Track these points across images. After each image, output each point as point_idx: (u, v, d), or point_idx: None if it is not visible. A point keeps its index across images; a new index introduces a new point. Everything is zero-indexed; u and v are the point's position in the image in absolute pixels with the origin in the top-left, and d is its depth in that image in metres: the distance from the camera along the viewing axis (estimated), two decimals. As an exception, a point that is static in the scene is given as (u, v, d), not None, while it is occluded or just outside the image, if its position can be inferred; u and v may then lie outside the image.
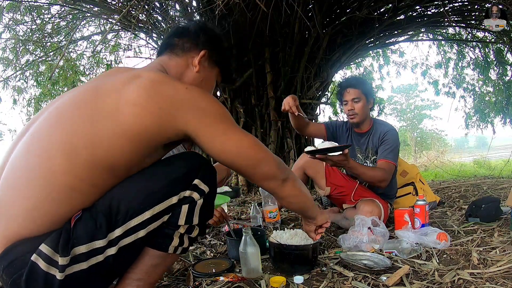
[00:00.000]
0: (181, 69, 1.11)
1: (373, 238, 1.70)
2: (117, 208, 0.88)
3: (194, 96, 0.95)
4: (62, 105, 0.95)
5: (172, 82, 0.96)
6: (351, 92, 2.15)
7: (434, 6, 4.59)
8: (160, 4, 3.87)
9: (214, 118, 0.97)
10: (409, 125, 23.73)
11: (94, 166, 0.88)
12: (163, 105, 0.91)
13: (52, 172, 0.86)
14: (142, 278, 0.99)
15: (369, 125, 2.23)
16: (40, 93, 5.98)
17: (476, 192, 3.30)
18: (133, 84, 0.91)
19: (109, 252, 0.88)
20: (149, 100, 0.90)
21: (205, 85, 1.15)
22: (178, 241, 0.99)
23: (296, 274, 1.38)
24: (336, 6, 4.41)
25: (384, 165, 2.05)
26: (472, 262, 1.46)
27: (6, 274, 0.84)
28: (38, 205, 0.85)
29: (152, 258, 0.99)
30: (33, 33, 4.86)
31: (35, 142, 0.91)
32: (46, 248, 0.82)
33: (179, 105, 0.93)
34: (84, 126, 0.89)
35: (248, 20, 3.63)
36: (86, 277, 0.87)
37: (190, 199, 0.96)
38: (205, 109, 0.96)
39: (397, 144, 2.14)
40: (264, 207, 2.21)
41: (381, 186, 2.06)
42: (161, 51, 1.14)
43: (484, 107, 6.78)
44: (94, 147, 0.87)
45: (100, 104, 0.90)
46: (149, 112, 0.89)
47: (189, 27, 1.15)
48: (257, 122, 4.18)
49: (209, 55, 1.13)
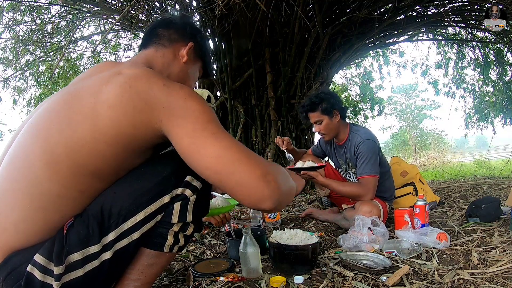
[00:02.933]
0: (168, 60, 1.09)
1: (373, 238, 1.70)
2: (109, 212, 0.87)
3: (170, 93, 0.87)
4: (42, 112, 0.93)
5: (149, 77, 0.89)
6: (311, 116, 2.19)
7: (434, 6, 4.59)
8: (160, 4, 3.87)
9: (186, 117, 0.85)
10: (409, 125, 23.71)
11: (77, 172, 0.85)
12: (137, 104, 0.85)
13: (36, 182, 0.84)
14: (139, 278, 0.98)
15: (345, 135, 2.22)
16: (40, 93, 5.99)
17: (476, 192, 3.30)
18: (111, 84, 0.87)
19: (104, 257, 0.86)
20: (123, 100, 0.85)
21: (191, 76, 1.15)
22: (173, 239, 0.97)
23: (296, 274, 1.38)
24: (336, 6, 4.41)
25: (362, 181, 2.07)
26: (472, 262, 1.46)
27: (6, 285, 0.84)
28: (27, 215, 0.84)
29: (148, 258, 0.97)
30: (33, 33, 4.86)
31: (18, 153, 0.89)
32: (40, 258, 0.81)
33: (153, 103, 0.85)
34: (64, 132, 0.86)
35: (248, 20, 3.64)
36: (84, 284, 0.86)
37: (182, 197, 0.94)
38: (180, 107, 0.86)
39: (373, 153, 2.07)
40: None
41: (363, 199, 2.06)
42: (146, 42, 1.12)
43: (484, 107, 6.80)
44: (74, 154, 0.84)
45: (77, 108, 0.87)
46: (123, 113, 0.84)
47: (175, 19, 1.16)
48: (257, 122, 4.18)
49: (194, 48, 1.13)
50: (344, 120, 2.22)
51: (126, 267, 0.98)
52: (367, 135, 2.14)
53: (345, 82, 8.03)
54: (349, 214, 2.15)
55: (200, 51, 1.16)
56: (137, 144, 0.89)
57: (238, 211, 2.91)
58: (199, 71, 1.20)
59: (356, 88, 8.10)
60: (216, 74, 4.36)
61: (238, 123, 4.18)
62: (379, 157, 2.13)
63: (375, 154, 2.09)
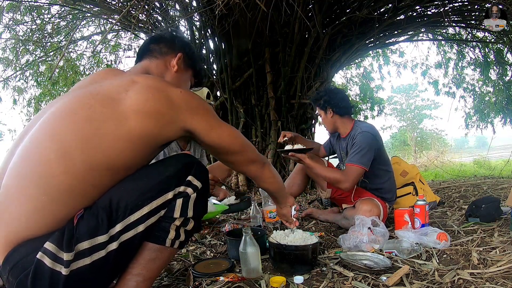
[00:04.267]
0: (161, 70, 1.21)
1: (373, 238, 1.70)
2: (117, 205, 0.93)
3: (187, 98, 1.05)
4: (56, 112, 0.99)
5: (167, 87, 1.05)
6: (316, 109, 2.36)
7: (434, 6, 4.59)
8: (160, 4, 3.87)
9: (206, 114, 1.08)
10: (409, 125, 23.68)
11: (92, 167, 0.92)
12: (162, 109, 1.00)
13: (51, 175, 0.90)
14: (141, 273, 1.02)
15: (348, 129, 2.27)
16: (40, 93, 5.98)
17: (476, 192, 3.30)
18: (132, 91, 0.99)
19: (110, 247, 0.92)
20: (147, 105, 0.98)
21: (184, 85, 1.27)
22: (175, 233, 1.04)
23: (296, 274, 1.38)
24: (336, 6, 4.41)
25: (346, 168, 2.08)
26: (472, 262, 1.46)
27: (12, 276, 0.87)
28: (39, 207, 0.89)
29: (150, 252, 1.02)
30: (33, 33, 4.87)
31: (32, 148, 0.95)
32: (51, 245, 0.86)
33: (177, 107, 1.02)
34: (82, 130, 0.94)
35: (248, 20, 3.64)
36: (90, 273, 0.90)
37: (184, 194, 1.03)
38: (198, 107, 1.07)
39: (366, 145, 2.06)
40: (264, 207, 2.21)
41: (341, 188, 2.08)
42: (140, 57, 1.24)
43: (484, 107, 6.80)
44: (92, 150, 0.92)
45: (99, 109, 0.96)
46: (148, 116, 0.97)
47: (164, 34, 1.28)
48: (257, 122, 4.18)
49: (184, 58, 1.24)
50: (343, 116, 2.27)
51: (130, 260, 1.02)
52: (367, 128, 2.16)
53: (345, 82, 8.04)
54: (349, 213, 2.15)
55: (189, 61, 1.27)
56: (157, 142, 1.02)
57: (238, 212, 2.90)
58: (191, 79, 1.32)
59: (356, 88, 8.11)
60: (216, 74, 4.36)
61: (238, 123, 4.18)
62: (374, 153, 2.09)
63: (369, 147, 2.06)
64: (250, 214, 2.23)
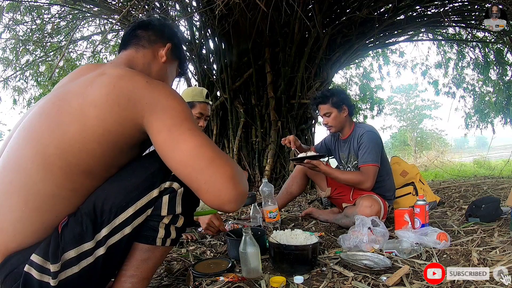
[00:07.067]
0: (148, 60, 1.14)
1: (373, 238, 1.70)
2: (101, 209, 0.90)
3: (153, 90, 0.92)
4: (32, 116, 0.96)
5: (133, 76, 0.94)
6: (321, 108, 2.31)
7: (434, 6, 4.60)
8: (160, 4, 3.87)
9: (166, 112, 0.90)
10: (409, 125, 23.70)
11: (69, 172, 0.88)
12: (121, 101, 0.89)
13: (30, 183, 0.87)
14: (135, 274, 0.99)
15: (350, 130, 2.32)
16: (40, 94, 5.98)
17: (476, 192, 3.30)
18: (95, 84, 0.91)
19: (98, 253, 0.89)
20: (108, 99, 0.89)
21: (170, 75, 1.21)
22: (164, 232, 0.99)
23: (296, 274, 1.38)
24: (336, 6, 4.41)
25: (362, 169, 2.14)
26: (472, 262, 1.46)
27: (5, 286, 0.86)
28: (23, 216, 0.86)
29: (142, 253, 0.99)
30: (33, 33, 4.87)
31: (11, 156, 0.92)
32: (37, 257, 0.84)
33: (137, 100, 0.90)
34: (54, 134, 0.89)
35: (248, 20, 3.64)
36: (80, 280, 0.88)
37: (170, 190, 0.97)
38: (162, 103, 0.91)
39: (375, 144, 2.16)
40: (264, 207, 2.21)
41: (363, 188, 2.13)
42: (126, 43, 1.16)
43: (484, 107, 6.79)
44: (65, 154, 0.88)
45: (65, 110, 0.91)
46: (109, 111, 0.88)
47: (153, 21, 1.20)
48: (257, 122, 4.18)
49: (172, 48, 1.18)
50: (350, 117, 2.33)
51: (120, 263, 1.00)
52: (371, 128, 2.26)
53: (345, 82, 8.04)
54: (349, 211, 2.17)
55: (177, 51, 1.21)
56: (123, 141, 0.92)
57: (238, 211, 2.91)
58: (176, 70, 1.26)
59: (356, 88, 8.11)
60: (216, 74, 4.36)
61: (238, 123, 4.18)
62: (380, 150, 2.19)
63: (377, 145, 2.17)
64: (250, 214, 2.23)
